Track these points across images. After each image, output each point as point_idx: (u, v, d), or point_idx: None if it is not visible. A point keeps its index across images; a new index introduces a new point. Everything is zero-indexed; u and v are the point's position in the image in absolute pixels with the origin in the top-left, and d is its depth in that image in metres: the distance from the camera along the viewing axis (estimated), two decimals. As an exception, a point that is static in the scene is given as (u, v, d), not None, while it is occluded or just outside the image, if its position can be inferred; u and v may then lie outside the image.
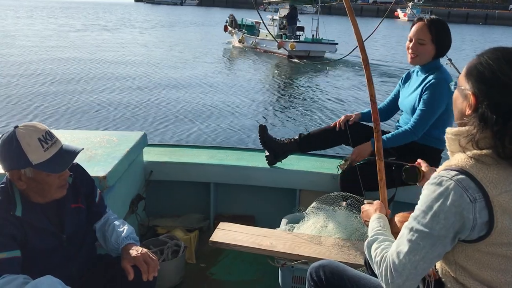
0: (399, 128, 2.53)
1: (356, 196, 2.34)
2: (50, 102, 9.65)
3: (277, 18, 21.30)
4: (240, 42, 22.63)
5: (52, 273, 1.45)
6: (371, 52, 20.48)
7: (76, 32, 27.20)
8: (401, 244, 1.18)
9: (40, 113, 8.83)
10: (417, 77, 2.53)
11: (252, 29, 22.80)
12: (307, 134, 2.78)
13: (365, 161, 2.55)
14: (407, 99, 2.54)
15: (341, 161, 2.65)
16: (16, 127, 1.51)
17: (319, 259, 1.69)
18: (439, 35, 2.36)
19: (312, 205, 2.43)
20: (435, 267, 1.26)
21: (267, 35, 20.45)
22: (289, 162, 2.87)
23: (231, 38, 24.15)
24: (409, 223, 1.18)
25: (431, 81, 2.36)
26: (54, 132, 1.58)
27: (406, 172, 1.61)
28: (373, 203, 1.61)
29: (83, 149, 1.64)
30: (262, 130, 2.84)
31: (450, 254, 1.19)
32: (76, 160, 1.62)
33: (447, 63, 2.82)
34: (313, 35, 20.23)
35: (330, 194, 2.41)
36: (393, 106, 2.75)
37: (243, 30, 22.87)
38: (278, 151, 2.80)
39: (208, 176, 2.90)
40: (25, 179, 1.51)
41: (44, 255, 1.58)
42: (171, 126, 8.44)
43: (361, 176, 2.41)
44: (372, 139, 2.39)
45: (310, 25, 20.07)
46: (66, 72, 13.31)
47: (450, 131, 1.21)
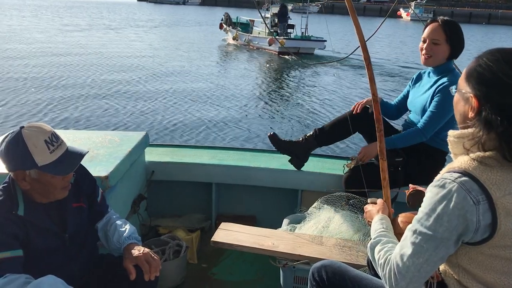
0: (406, 127, 2.52)
1: (357, 196, 2.34)
2: (53, 102, 9.66)
3: (268, 16, 21.45)
4: (234, 39, 23.28)
5: (54, 272, 1.45)
6: (375, 51, 20.45)
7: (81, 31, 27.27)
8: (404, 246, 1.18)
9: (42, 112, 8.85)
10: (428, 78, 2.51)
11: (247, 27, 23.37)
12: (322, 127, 2.72)
13: (372, 161, 2.53)
14: (418, 100, 2.52)
15: (348, 160, 2.63)
16: (22, 127, 1.50)
17: (321, 259, 1.68)
18: (453, 36, 2.35)
19: (313, 205, 2.43)
20: (439, 269, 1.26)
21: (259, 33, 21.22)
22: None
23: (226, 35, 24.67)
24: (412, 225, 1.18)
25: (445, 83, 2.35)
26: (56, 132, 1.58)
27: (412, 197, 1.62)
28: (376, 203, 1.61)
29: (88, 151, 1.64)
30: (273, 138, 2.74)
31: (453, 256, 1.18)
32: (78, 160, 1.61)
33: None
34: (302, 32, 20.41)
35: (332, 194, 2.41)
36: (403, 105, 2.73)
37: (238, 28, 23.43)
38: (299, 152, 2.73)
39: (209, 176, 2.90)
40: (29, 180, 1.51)
41: (46, 255, 1.58)
42: (171, 126, 8.44)
43: (364, 175, 2.40)
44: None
45: (300, 23, 20.30)
46: (72, 72, 13.31)
47: (453, 134, 1.21)
